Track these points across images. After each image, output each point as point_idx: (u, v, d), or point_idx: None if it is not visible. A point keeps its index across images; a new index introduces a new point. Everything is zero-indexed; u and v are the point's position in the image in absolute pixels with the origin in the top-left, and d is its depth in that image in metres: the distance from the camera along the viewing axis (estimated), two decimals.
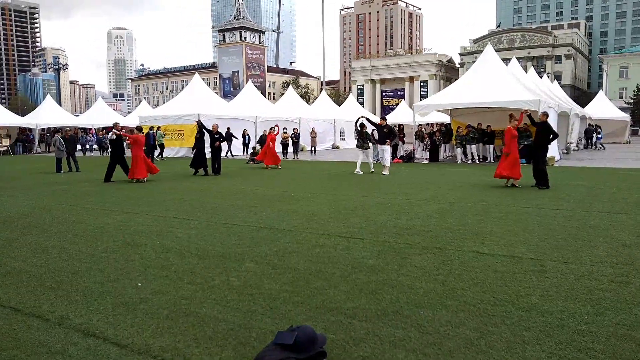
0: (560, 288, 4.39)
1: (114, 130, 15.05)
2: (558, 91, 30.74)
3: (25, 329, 3.66)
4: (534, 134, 14.74)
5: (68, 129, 23.66)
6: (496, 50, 24.04)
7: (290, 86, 49.11)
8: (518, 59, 32.29)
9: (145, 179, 14.28)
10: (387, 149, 15.86)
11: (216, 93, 47.36)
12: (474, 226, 7.15)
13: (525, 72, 26.86)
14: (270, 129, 21.32)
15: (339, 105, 42.96)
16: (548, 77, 37.80)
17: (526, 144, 19.88)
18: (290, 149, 26.80)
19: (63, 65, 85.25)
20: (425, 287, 4.45)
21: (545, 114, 12.43)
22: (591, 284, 4.50)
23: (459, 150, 21.27)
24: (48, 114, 39.09)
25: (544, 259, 5.32)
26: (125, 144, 15.81)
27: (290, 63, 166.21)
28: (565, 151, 25.03)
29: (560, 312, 3.82)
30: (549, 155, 18.55)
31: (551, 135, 12.18)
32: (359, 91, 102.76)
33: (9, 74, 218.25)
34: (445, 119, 27.75)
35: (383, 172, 15.55)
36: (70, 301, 4.23)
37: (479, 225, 7.24)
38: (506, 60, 25.38)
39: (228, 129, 26.44)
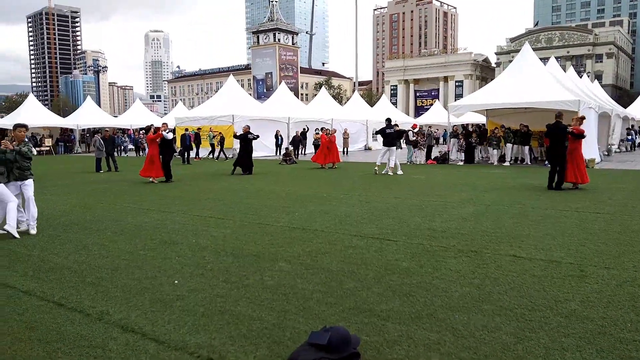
0: (602, 294, 4.26)
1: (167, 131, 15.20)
2: (598, 91, 29.81)
3: (67, 323, 3.79)
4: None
5: (107, 129, 24.32)
6: (534, 50, 23.51)
7: (323, 87, 49.20)
8: (557, 58, 31.45)
9: (151, 179, 14.33)
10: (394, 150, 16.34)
11: (250, 94, 47.88)
12: (511, 229, 7.01)
13: (564, 71, 26.16)
14: (323, 129, 21.47)
15: (372, 106, 42.78)
16: (588, 76, 36.68)
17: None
18: None
19: (102, 68, 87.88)
20: (461, 291, 4.39)
21: (560, 114, 11.96)
22: (634, 290, 4.35)
23: (494, 152, 20.86)
24: (88, 115, 40.26)
25: (584, 264, 5.18)
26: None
27: (323, 64, 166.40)
28: (607, 153, 24.25)
29: (601, 319, 3.70)
30: (589, 157, 18.12)
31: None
32: (392, 91, 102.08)
33: (52, 76, 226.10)
34: (481, 119, 27.28)
35: (397, 172, 16.02)
36: (110, 297, 4.36)
37: (516, 228, 7.10)
38: (544, 60, 24.79)
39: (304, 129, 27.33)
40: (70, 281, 4.85)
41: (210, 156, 26.57)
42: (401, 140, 17.36)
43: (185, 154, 23.45)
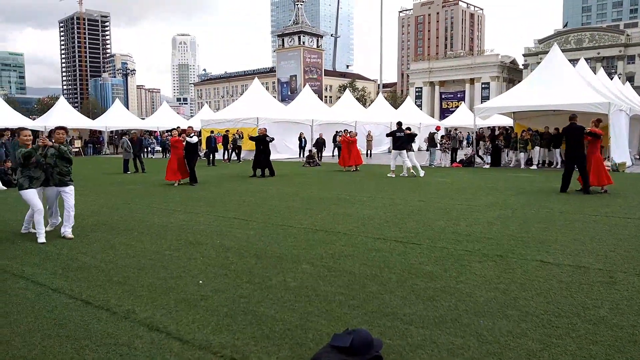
0: (632, 301, 4.14)
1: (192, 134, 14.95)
2: (630, 93, 29.01)
3: (95, 321, 3.87)
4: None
5: (135, 131, 24.77)
6: (563, 51, 23.02)
7: (347, 89, 49.17)
8: (586, 59, 30.78)
9: (175, 183, 14.18)
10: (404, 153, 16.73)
11: (274, 97, 48.18)
12: (538, 234, 6.89)
13: (594, 73, 25.59)
14: (345, 131, 21.48)
15: (396, 108, 42.54)
16: (619, 78, 35.83)
17: None
18: None
19: (131, 71, 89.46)
20: (486, 296, 4.33)
21: (573, 116, 11.86)
22: None
23: (521, 155, 20.52)
24: (116, 117, 41.04)
25: (614, 270, 5.05)
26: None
27: (348, 66, 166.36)
28: (638, 157, 23.61)
29: (631, 327, 3.60)
30: (619, 160, 17.69)
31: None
32: (417, 94, 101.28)
33: (82, 79, 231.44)
34: (508, 122, 26.88)
35: (419, 174, 16.24)
36: (136, 296, 4.44)
37: (543, 233, 6.97)
38: (573, 62, 24.28)
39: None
40: (97, 280, 4.95)
41: (236, 158, 26.81)
42: (412, 143, 17.52)
43: (211, 156, 23.71)
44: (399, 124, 17.17)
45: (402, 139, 16.59)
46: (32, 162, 6.89)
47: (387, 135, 17.70)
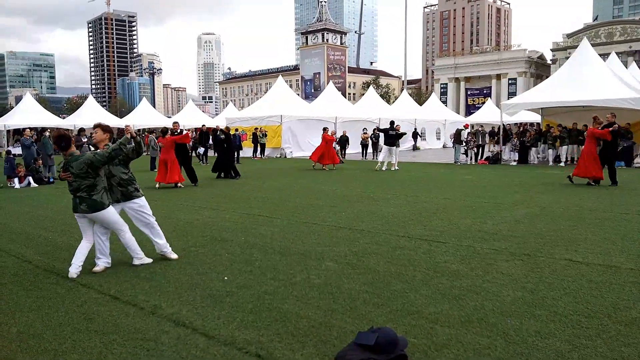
0: None
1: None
2: None
3: (123, 315, 3.94)
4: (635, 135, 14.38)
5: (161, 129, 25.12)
6: (593, 45, 22.44)
7: (371, 86, 48.92)
8: (618, 53, 29.93)
9: (179, 184, 13.21)
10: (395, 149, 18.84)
11: (298, 94, 48.27)
12: (567, 232, 6.74)
13: (626, 67, 24.90)
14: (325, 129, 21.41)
15: (421, 105, 42.16)
16: None
17: (626, 145, 18.47)
18: (370, 149, 26.76)
19: (157, 70, 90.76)
20: (513, 295, 4.26)
21: (614, 115, 12.56)
22: None
23: (550, 152, 20.11)
24: (144, 116, 41.71)
25: None
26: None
27: (371, 63, 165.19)
28: None
29: None
30: None
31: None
32: (442, 90, 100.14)
33: (110, 78, 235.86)
34: (535, 118, 26.37)
35: (393, 168, 18.43)
36: (162, 292, 4.50)
37: (572, 231, 6.82)
38: (604, 56, 23.66)
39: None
40: (125, 276, 5.04)
41: (260, 156, 27.00)
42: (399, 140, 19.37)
43: (236, 154, 23.86)
44: (392, 122, 19.12)
45: (393, 136, 18.51)
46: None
47: (379, 131, 20.35)
